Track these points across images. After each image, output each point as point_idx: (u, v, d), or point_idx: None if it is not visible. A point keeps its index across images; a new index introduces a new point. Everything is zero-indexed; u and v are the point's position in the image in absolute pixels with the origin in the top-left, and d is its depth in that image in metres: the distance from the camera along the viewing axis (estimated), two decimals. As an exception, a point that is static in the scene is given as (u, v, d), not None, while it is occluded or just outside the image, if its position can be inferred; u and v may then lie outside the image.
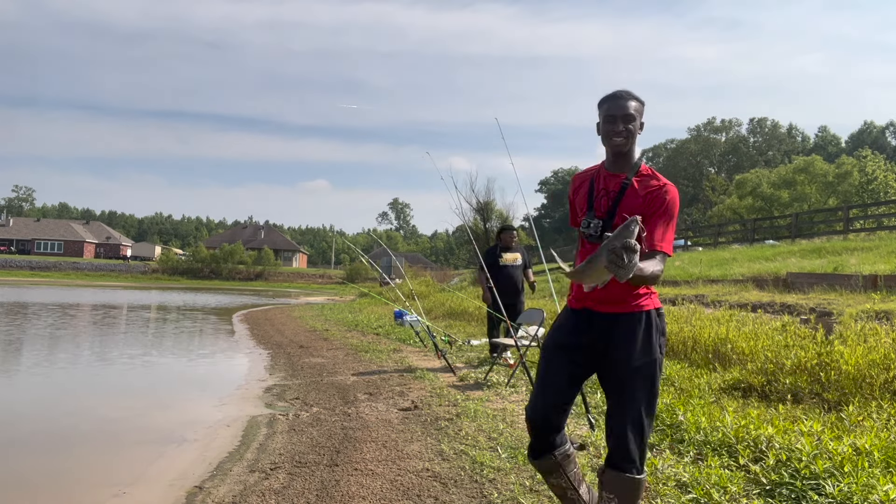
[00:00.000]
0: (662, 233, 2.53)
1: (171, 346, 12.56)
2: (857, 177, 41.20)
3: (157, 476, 4.36)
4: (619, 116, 2.60)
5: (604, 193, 2.66)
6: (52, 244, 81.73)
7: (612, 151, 2.66)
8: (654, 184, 2.60)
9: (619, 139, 2.61)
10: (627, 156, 2.65)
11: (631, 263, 2.09)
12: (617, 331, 2.60)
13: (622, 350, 2.57)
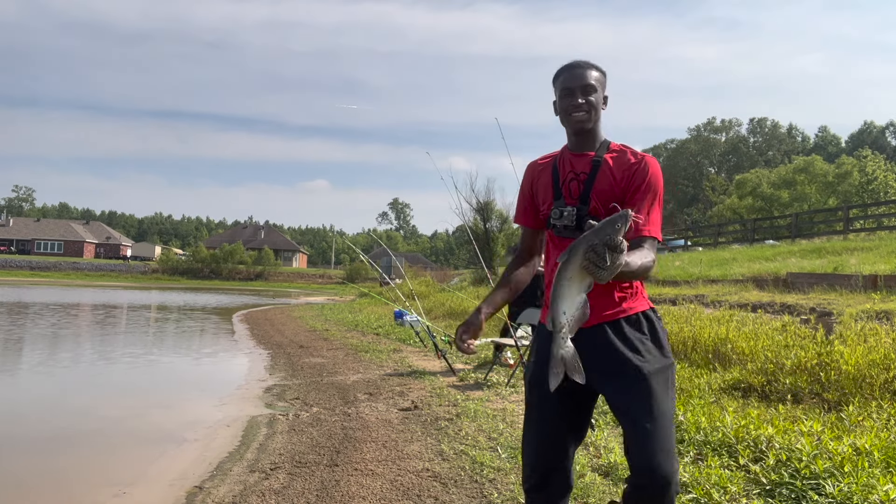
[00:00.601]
0: (647, 213, 2.16)
1: (172, 347, 12.56)
2: (857, 177, 41.21)
3: (157, 476, 4.36)
4: (578, 88, 2.23)
5: (572, 177, 2.26)
6: (52, 244, 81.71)
7: (573, 130, 2.27)
8: (630, 159, 2.22)
9: (579, 114, 2.22)
10: (592, 133, 2.27)
11: (615, 265, 1.73)
12: (612, 343, 2.16)
13: (627, 362, 2.14)
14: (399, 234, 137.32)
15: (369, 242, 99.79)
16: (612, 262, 1.72)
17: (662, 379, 2.16)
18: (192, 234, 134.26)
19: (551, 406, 2.21)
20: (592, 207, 2.20)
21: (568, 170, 2.29)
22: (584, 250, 1.74)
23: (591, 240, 1.75)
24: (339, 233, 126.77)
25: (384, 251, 41.16)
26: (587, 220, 2.06)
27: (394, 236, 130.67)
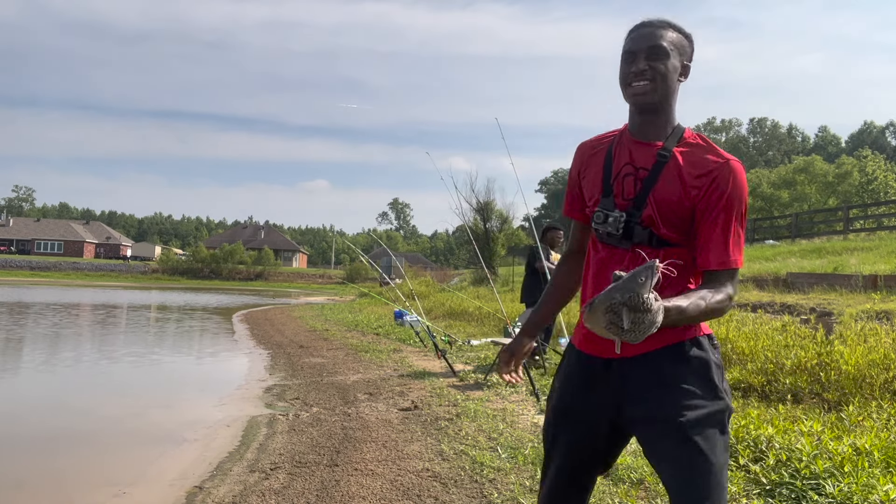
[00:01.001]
0: (725, 240, 1.67)
1: (172, 347, 12.56)
2: (857, 177, 41.24)
3: (157, 476, 4.36)
4: (644, 50, 1.70)
5: (628, 171, 1.76)
6: (52, 244, 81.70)
7: (634, 106, 1.76)
8: (710, 159, 1.69)
9: (640, 83, 1.69)
10: (661, 114, 1.74)
11: (639, 327, 1.42)
12: (645, 380, 1.71)
13: (668, 402, 1.68)
14: (399, 234, 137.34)
15: (369, 242, 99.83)
16: (634, 324, 1.41)
17: (710, 428, 1.66)
18: (192, 234, 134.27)
19: (569, 436, 1.84)
20: (647, 216, 1.71)
21: (625, 160, 1.78)
22: (605, 310, 1.44)
23: (611, 297, 1.43)
24: (339, 233, 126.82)
25: (384, 251, 41.16)
26: (638, 229, 1.72)
27: (394, 236, 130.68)
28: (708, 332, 1.77)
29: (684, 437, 1.65)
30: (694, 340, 1.73)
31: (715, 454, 1.65)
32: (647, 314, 1.41)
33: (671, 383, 1.69)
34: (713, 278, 1.67)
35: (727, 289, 1.66)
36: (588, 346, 1.81)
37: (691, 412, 1.66)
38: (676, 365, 1.71)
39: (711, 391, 1.70)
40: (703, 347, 1.73)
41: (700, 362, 1.71)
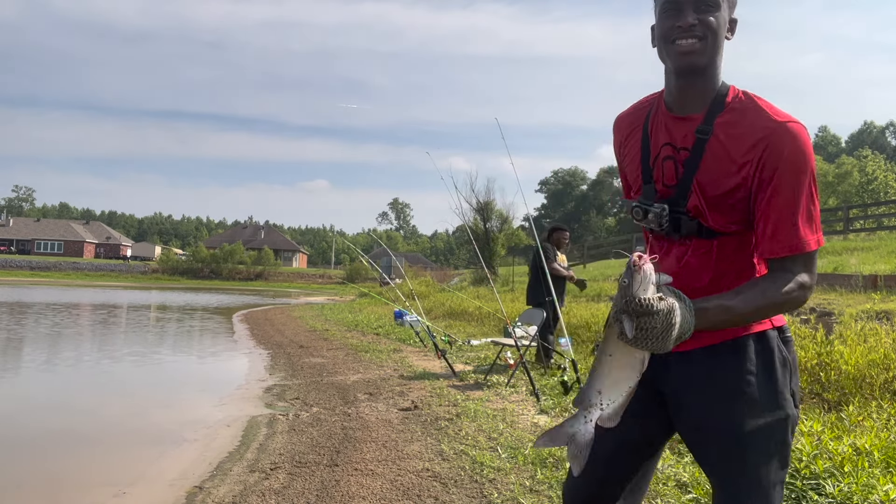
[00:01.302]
0: (789, 218, 1.39)
1: (172, 347, 12.56)
2: (857, 177, 41.28)
3: (157, 476, 4.36)
4: (691, 1, 1.42)
5: (667, 153, 1.52)
6: (52, 244, 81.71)
7: (678, 69, 1.47)
8: (759, 125, 1.41)
9: (687, 41, 1.41)
10: (705, 78, 1.47)
11: (651, 332, 1.22)
12: (705, 376, 1.52)
13: (719, 407, 1.48)
14: (399, 234, 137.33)
15: (369, 242, 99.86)
16: (643, 331, 1.22)
17: (764, 441, 1.45)
18: (192, 234, 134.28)
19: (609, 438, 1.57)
20: (692, 205, 1.49)
21: (663, 140, 1.53)
22: (612, 322, 1.28)
23: (614, 307, 1.28)
24: (339, 233, 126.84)
25: (384, 251, 41.17)
26: (685, 220, 1.50)
27: (394, 236, 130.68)
28: (780, 323, 1.53)
29: (731, 451, 1.45)
30: (759, 335, 1.50)
31: (766, 472, 1.44)
32: (653, 317, 1.21)
33: (724, 385, 1.49)
34: (780, 266, 1.40)
35: (799, 276, 1.38)
36: None
37: (743, 421, 1.45)
38: (733, 364, 1.49)
39: (771, 396, 1.47)
40: (768, 343, 1.50)
41: (762, 361, 1.49)
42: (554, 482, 3.75)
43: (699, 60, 1.44)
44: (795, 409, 1.51)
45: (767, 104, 1.46)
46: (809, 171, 1.41)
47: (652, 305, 1.22)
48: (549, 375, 7.42)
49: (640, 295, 1.23)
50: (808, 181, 1.40)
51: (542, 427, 5.17)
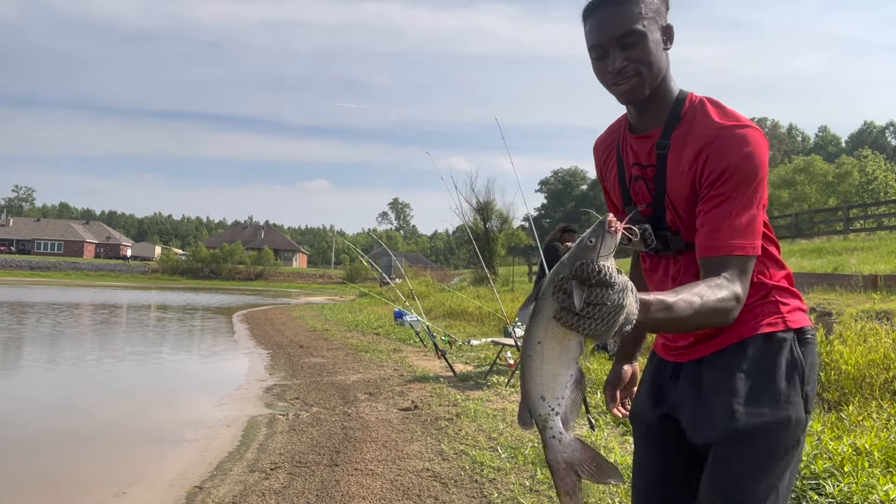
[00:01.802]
0: (723, 218, 1.34)
1: (172, 347, 12.56)
2: (857, 177, 41.29)
3: (157, 476, 4.36)
4: (613, 40, 1.39)
5: (637, 173, 1.52)
6: (52, 244, 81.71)
7: (623, 103, 1.50)
8: (706, 132, 1.39)
9: (623, 85, 1.41)
10: (656, 99, 1.46)
11: (600, 310, 1.01)
12: (708, 382, 1.47)
13: (714, 412, 1.43)
14: (399, 234, 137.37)
15: (369, 242, 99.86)
16: (592, 305, 1.01)
17: (758, 445, 1.38)
18: (192, 234, 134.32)
19: (648, 447, 1.62)
20: (671, 221, 1.47)
21: (632, 160, 1.54)
22: (553, 292, 1.05)
23: (557, 272, 1.05)
24: (339, 233, 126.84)
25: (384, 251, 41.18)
26: (669, 236, 1.48)
27: (394, 236, 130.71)
28: (797, 325, 1.45)
29: (718, 455, 1.40)
30: (766, 336, 1.44)
31: (757, 480, 1.36)
32: (608, 290, 1.01)
33: (722, 386, 1.43)
34: (710, 269, 1.33)
35: (734, 285, 1.27)
36: (664, 351, 1.60)
37: (734, 422, 1.38)
38: (735, 364, 1.43)
39: (772, 397, 1.39)
40: (776, 344, 1.43)
41: (766, 361, 1.42)
42: (554, 482, 3.74)
43: (640, 93, 1.42)
44: (806, 413, 1.41)
45: (717, 109, 1.43)
46: (754, 175, 1.34)
47: (611, 275, 1.02)
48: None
49: (600, 262, 1.03)
50: (752, 186, 1.34)
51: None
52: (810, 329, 1.47)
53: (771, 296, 1.47)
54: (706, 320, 1.25)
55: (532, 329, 1.10)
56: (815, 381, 1.46)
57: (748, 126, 1.38)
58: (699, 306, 1.21)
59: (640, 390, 1.69)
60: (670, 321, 1.18)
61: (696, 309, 1.21)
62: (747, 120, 1.40)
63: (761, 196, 1.36)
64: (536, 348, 1.09)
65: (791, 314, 1.46)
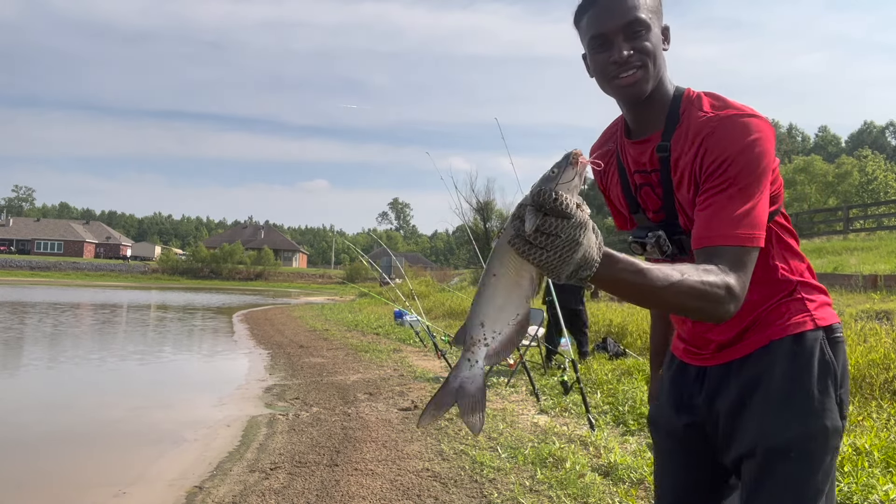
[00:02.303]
0: (718, 209, 1.25)
1: (172, 347, 12.56)
2: (857, 177, 41.29)
3: (157, 476, 4.36)
4: (618, 29, 1.32)
5: (641, 180, 1.46)
6: (51, 244, 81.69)
7: (626, 103, 1.42)
8: (698, 123, 1.34)
9: (628, 75, 1.33)
10: (655, 99, 1.39)
11: (553, 241, 0.97)
12: (737, 389, 1.39)
13: (745, 424, 1.36)
14: (399, 234, 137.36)
15: (369, 242, 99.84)
16: (544, 234, 0.97)
17: (800, 463, 1.29)
18: (192, 234, 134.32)
19: (674, 456, 1.56)
20: (684, 224, 1.40)
21: (634, 167, 1.48)
22: (512, 219, 1.03)
23: (521, 202, 1.03)
24: (339, 233, 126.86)
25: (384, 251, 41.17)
26: (685, 240, 1.39)
27: (394, 236, 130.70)
28: (826, 322, 1.38)
29: (753, 475, 1.32)
30: (796, 337, 1.36)
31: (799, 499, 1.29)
32: (563, 221, 0.97)
33: (752, 397, 1.35)
34: (707, 259, 1.22)
35: (723, 274, 1.16)
36: (685, 354, 1.53)
37: (766, 439, 1.31)
38: (764, 370, 1.35)
39: (805, 407, 1.32)
40: (807, 346, 1.35)
41: (798, 365, 1.34)
42: (554, 482, 3.75)
43: (644, 89, 1.35)
44: (841, 419, 1.34)
45: (715, 101, 1.37)
46: (756, 164, 1.26)
47: (568, 206, 0.98)
48: (549, 375, 7.42)
49: (561, 191, 1.00)
50: (753, 175, 1.26)
51: (541, 427, 5.16)
52: (839, 326, 1.40)
53: (797, 292, 1.39)
54: (686, 301, 1.13)
55: (491, 260, 1.10)
56: (848, 383, 1.38)
57: (749, 115, 1.31)
58: (677, 281, 1.10)
59: (661, 395, 1.62)
60: (640, 287, 1.08)
61: (672, 282, 1.10)
62: (750, 109, 1.33)
63: (765, 186, 1.27)
64: (491, 280, 1.09)
65: (819, 310, 1.39)
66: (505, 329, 1.10)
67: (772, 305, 1.37)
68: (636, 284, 1.08)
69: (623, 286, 1.09)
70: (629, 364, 7.26)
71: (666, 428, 1.56)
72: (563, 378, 6.23)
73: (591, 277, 1.02)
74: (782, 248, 1.41)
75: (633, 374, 6.76)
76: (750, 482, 1.33)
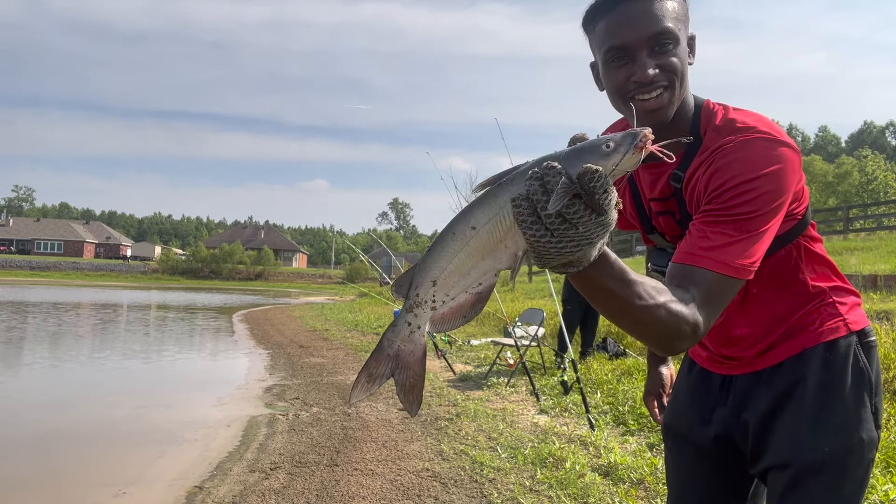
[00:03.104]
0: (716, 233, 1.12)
1: (172, 347, 12.55)
2: (857, 177, 41.32)
3: (157, 476, 4.36)
4: (644, 42, 1.15)
5: (659, 208, 1.35)
6: (51, 244, 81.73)
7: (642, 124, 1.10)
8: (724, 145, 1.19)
9: (652, 97, 1.18)
10: (675, 123, 1.25)
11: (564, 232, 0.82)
12: (767, 400, 1.32)
13: (776, 437, 1.29)
14: (399, 234, 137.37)
15: (369, 242, 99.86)
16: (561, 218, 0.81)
17: (834, 477, 1.23)
18: (192, 234, 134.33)
19: (687, 464, 1.50)
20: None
21: (648, 195, 1.36)
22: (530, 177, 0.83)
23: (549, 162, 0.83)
24: (339, 233, 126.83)
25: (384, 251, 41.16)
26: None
27: (394, 236, 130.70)
28: (858, 326, 1.31)
29: (782, 486, 1.26)
30: (829, 345, 1.28)
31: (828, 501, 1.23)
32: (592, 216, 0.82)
33: (784, 408, 1.28)
34: (675, 277, 1.10)
35: (695, 310, 1.04)
36: (708, 362, 1.45)
37: (800, 454, 1.24)
38: (797, 383, 1.28)
39: (840, 419, 1.25)
40: (840, 353, 1.28)
41: (832, 374, 1.27)
42: (554, 482, 3.75)
43: (668, 113, 1.19)
44: (876, 429, 1.27)
45: (736, 118, 1.22)
46: (767, 196, 1.11)
47: (609, 203, 0.81)
48: (549, 375, 7.42)
49: (612, 180, 0.82)
50: (761, 207, 1.12)
51: (541, 427, 5.16)
52: (871, 329, 1.34)
53: (828, 297, 1.32)
54: (643, 328, 1.03)
55: (474, 209, 0.88)
56: (882, 389, 1.32)
57: (775, 140, 1.15)
58: (653, 305, 0.99)
59: (678, 401, 1.53)
60: (613, 296, 0.96)
61: (647, 305, 0.98)
62: (778, 131, 1.18)
63: (775, 222, 1.14)
64: (466, 232, 0.88)
65: (850, 313, 1.32)
66: (460, 297, 0.92)
67: (806, 311, 1.31)
68: (611, 292, 0.96)
69: (599, 291, 0.96)
70: (629, 364, 7.26)
71: (691, 439, 1.46)
72: (563, 378, 6.23)
73: (573, 273, 0.90)
74: (811, 259, 1.33)
75: (633, 374, 6.75)
76: (779, 494, 1.26)
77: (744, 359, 1.37)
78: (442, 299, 0.92)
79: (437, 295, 0.92)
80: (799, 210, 1.27)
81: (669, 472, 1.56)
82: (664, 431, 1.56)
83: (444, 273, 0.91)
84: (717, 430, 1.40)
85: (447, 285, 0.91)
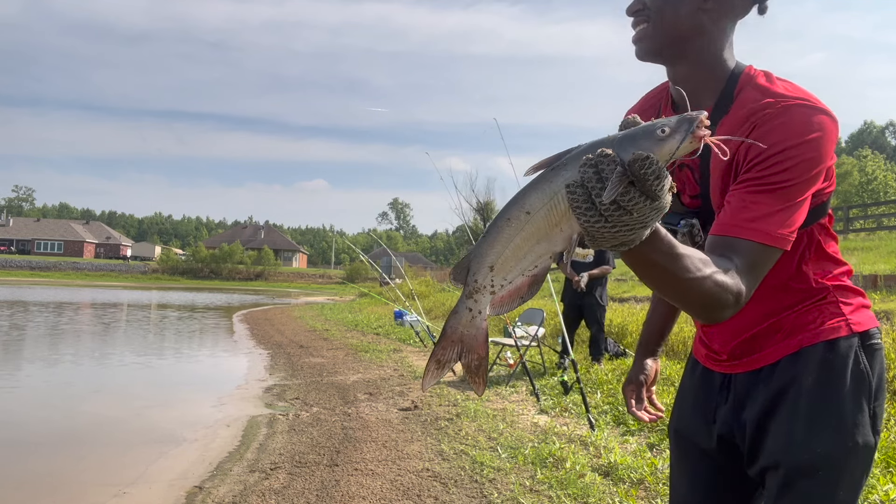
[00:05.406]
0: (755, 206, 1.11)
1: (172, 346, 12.56)
2: (857, 177, 41.30)
3: (157, 476, 4.36)
4: None
5: (682, 161, 1.30)
6: (51, 244, 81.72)
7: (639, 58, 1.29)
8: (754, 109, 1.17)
9: (636, 30, 1.26)
10: (689, 64, 1.26)
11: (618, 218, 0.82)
12: (766, 399, 1.29)
13: (772, 438, 1.27)
14: (399, 234, 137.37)
15: (369, 242, 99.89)
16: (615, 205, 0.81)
17: (828, 481, 1.21)
18: (192, 234, 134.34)
19: (689, 466, 1.47)
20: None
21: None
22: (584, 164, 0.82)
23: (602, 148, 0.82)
24: (339, 233, 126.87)
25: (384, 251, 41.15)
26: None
27: (394, 236, 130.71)
28: (862, 328, 1.27)
29: (774, 488, 1.24)
30: (829, 344, 1.25)
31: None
32: (647, 202, 0.81)
33: (779, 407, 1.26)
34: (717, 250, 1.09)
35: (738, 279, 1.04)
36: (708, 361, 1.43)
37: (794, 456, 1.22)
38: (793, 383, 1.25)
39: (836, 422, 1.21)
40: (839, 353, 1.24)
41: (828, 375, 1.24)
42: (554, 482, 3.75)
43: (649, 45, 1.24)
44: (874, 434, 1.23)
45: (778, 83, 1.20)
46: (806, 164, 1.11)
47: (662, 189, 0.81)
48: (548, 375, 7.42)
49: (665, 168, 0.82)
50: (800, 175, 1.11)
51: (541, 427, 5.17)
52: (877, 331, 1.29)
53: (831, 296, 1.29)
54: (690, 299, 1.02)
55: (528, 194, 0.89)
56: (884, 394, 1.27)
57: (817, 108, 1.16)
58: (700, 277, 0.99)
59: (683, 401, 1.51)
60: (663, 271, 0.96)
61: (695, 278, 0.98)
62: (818, 101, 1.18)
63: (811, 191, 1.14)
64: (521, 217, 0.89)
65: (854, 314, 1.28)
66: (517, 280, 0.94)
67: (805, 308, 1.27)
68: (663, 268, 0.95)
69: (650, 267, 0.96)
70: (629, 364, 7.26)
71: (695, 440, 1.44)
72: (563, 378, 6.23)
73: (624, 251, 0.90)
74: (820, 255, 1.29)
75: (633, 374, 6.75)
76: (773, 496, 1.25)
77: (723, 353, 1.36)
78: (500, 283, 0.95)
79: (496, 280, 0.95)
80: (828, 190, 1.24)
81: (673, 472, 1.54)
82: (670, 432, 1.54)
83: (500, 258, 0.93)
84: (721, 430, 1.38)
85: (504, 270, 0.94)
